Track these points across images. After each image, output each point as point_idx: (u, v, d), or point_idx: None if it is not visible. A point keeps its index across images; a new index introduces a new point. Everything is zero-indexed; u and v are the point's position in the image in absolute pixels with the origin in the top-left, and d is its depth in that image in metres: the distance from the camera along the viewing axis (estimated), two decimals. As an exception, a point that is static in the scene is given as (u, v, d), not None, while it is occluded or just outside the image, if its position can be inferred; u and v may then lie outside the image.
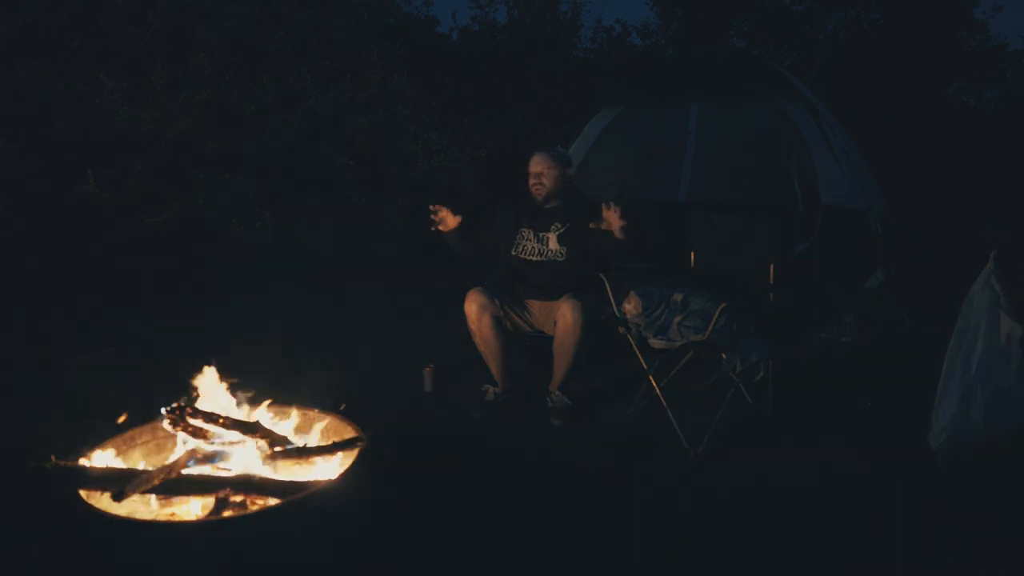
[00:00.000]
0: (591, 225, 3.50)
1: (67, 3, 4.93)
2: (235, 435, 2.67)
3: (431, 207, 3.55)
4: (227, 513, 2.37)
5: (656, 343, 3.36)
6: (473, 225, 3.65)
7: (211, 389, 2.73)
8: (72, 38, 5.00)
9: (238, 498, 2.42)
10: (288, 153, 5.83)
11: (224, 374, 2.77)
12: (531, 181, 3.63)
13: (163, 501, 2.49)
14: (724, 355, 3.28)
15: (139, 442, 2.80)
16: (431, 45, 9.70)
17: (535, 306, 3.70)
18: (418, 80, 6.85)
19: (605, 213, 3.36)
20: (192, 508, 2.49)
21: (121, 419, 2.75)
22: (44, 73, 4.68)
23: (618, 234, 3.36)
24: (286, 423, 2.94)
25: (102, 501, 2.36)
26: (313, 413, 2.99)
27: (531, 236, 3.68)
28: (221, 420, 2.66)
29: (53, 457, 2.38)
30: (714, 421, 3.26)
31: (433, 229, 3.58)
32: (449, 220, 3.55)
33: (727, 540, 2.60)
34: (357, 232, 6.23)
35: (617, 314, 3.50)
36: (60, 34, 4.97)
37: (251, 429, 2.69)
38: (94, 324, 4.66)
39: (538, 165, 3.61)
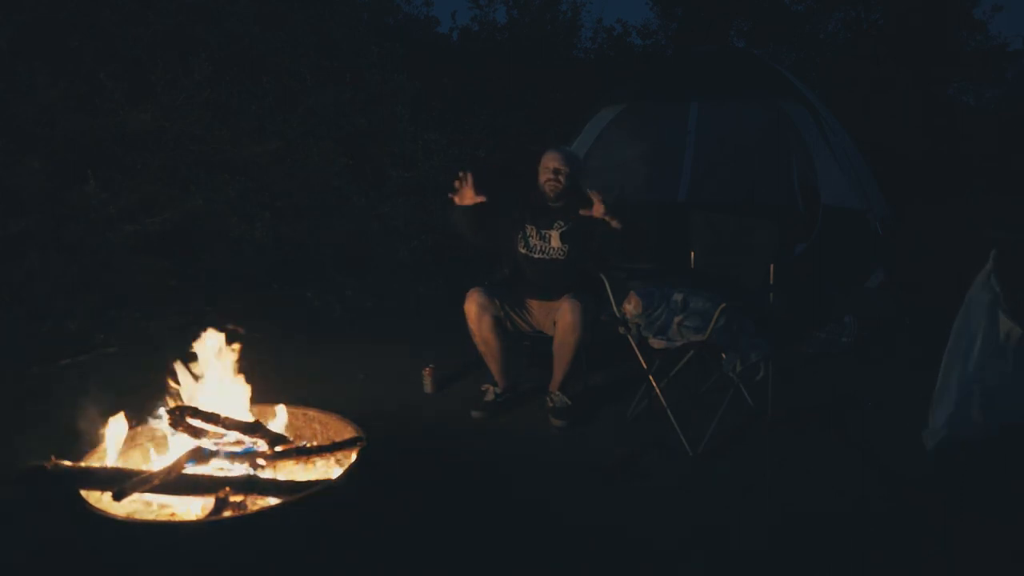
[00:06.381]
0: (581, 212, 3.52)
1: (67, 3, 4.92)
2: (235, 435, 2.68)
3: (460, 172, 3.53)
4: (227, 513, 2.37)
5: (656, 343, 3.36)
6: (482, 214, 3.65)
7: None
8: (72, 38, 4.99)
9: (238, 498, 2.43)
10: (288, 153, 5.82)
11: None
12: (547, 176, 3.62)
13: (163, 501, 2.50)
14: (724, 355, 3.28)
15: (139, 442, 2.80)
16: (431, 45, 9.69)
17: (535, 306, 3.70)
18: (418, 80, 6.84)
19: (591, 195, 3.43)
20: (192, 508, 2.49)
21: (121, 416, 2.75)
22: (44, 73, 4.67)
23: (606, 216, 3.40)
24: (283, 422, 2.94)
25: (102, 501, 2.36)
26: (313, 413, 3.00)
27: (534, 233, 3.68)
28: (221, 420, 2.67)
29: (53, 457, 2.38)
30: (714, 421, 3.27)
31: (451, 196, 3.56)
32: (467, 195, 3.54)
33: (727, 540, 2.60)
34: (357, 232, 6.22)
35: (617, 314, 3.50)
36: (60, 34, 4.96)
37: (251, 429, 2.70)
38: (94, 324, 4.66)
39: (556, 161, 3.63)
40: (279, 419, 2.94)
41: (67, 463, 2.42)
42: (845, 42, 12.80)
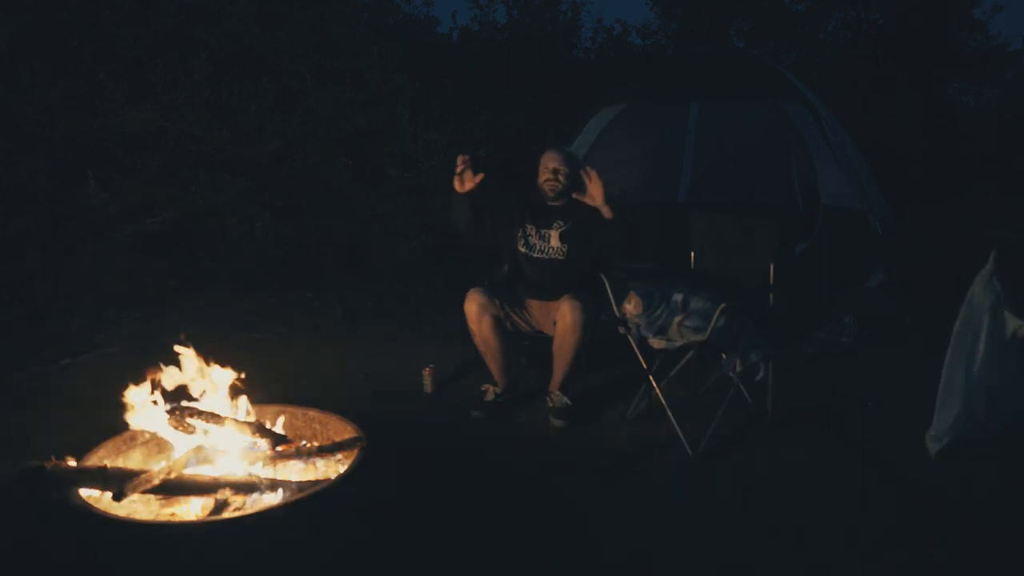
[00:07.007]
0: (574, 195, 3.54)
1: (67, 3, 4.93)
2: (236, 435, 2.68)
3: (459, 156, 3.52)
4: (227, 513, 2.37)
5: (656, 343, 3.35)
6: (481, 210, 3.64)
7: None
8: (72, 38, 5.00)
9: (238, 498, 2.43)
10: (288, 153, 5.83)
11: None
12: (546, 176, 3.63)
13: (163, 501, 2.50)
14: (724, 355, 3.28)
15: (139, 442, 2.80)
16: (431, 45, 9.69)
17: (535, 306, 3.70)
18: (418, 80, 6.84)
19: (586, 180, 3.45)
20: (192, 508, 2.49)
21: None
22: (44, 73, 4.68)
23: (601, 203, 3.41)
24: (283, 422, 2.94)
25: (102, 501, 2.36)
26: (313, 413, 2.99)
27: (534, 233, 3.69)
28: (222, 420, 2.67)
29: (53, 457, 2.38)
30: (714, 421, 3.26)
31: (456, 176, 3.55)
32: (468, 178, 3.53)
33: (727, 540, 2.60)
34: (357, 232, 6.22)
35: (617, 314, 3.50)
36: (60, 34, 4.96)
37: (252, 429, 2.70)
38: (94, 324, 4.67)
39: (555, 161, 3.63)
40: (279, 419, 2.94)
41: (67, 463, 2.42)
42: (845, 42, 12.80)
